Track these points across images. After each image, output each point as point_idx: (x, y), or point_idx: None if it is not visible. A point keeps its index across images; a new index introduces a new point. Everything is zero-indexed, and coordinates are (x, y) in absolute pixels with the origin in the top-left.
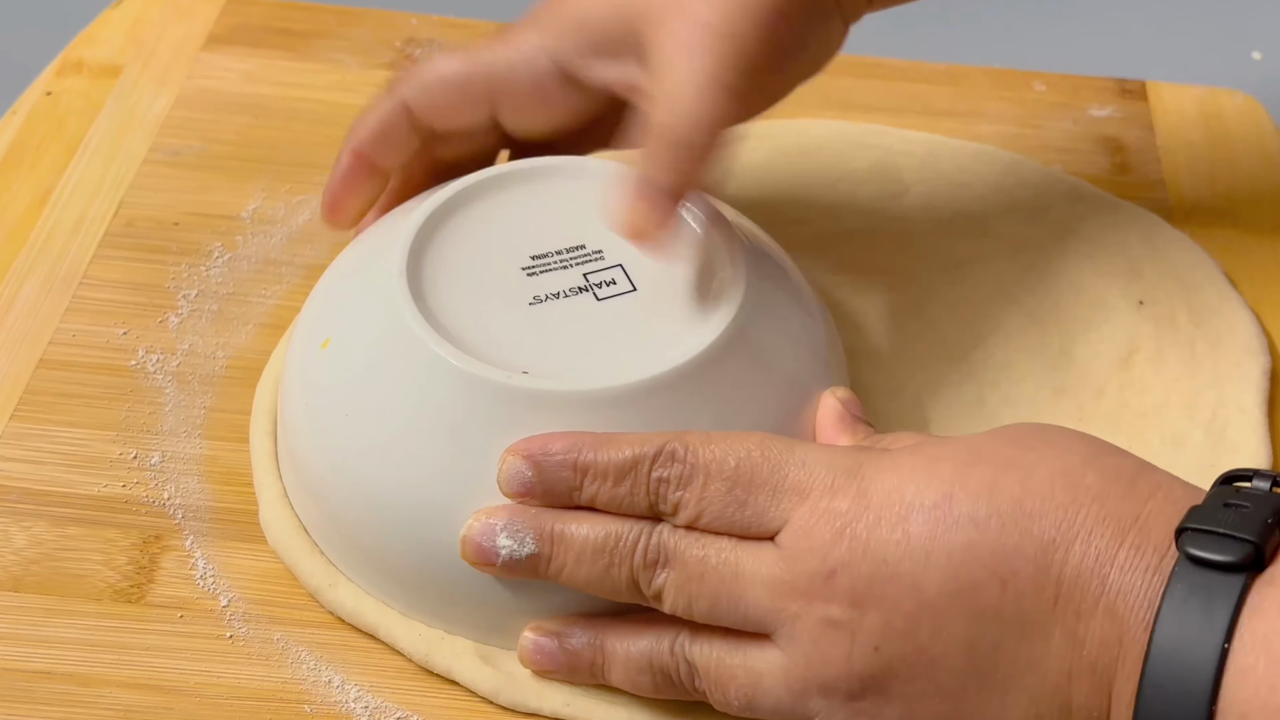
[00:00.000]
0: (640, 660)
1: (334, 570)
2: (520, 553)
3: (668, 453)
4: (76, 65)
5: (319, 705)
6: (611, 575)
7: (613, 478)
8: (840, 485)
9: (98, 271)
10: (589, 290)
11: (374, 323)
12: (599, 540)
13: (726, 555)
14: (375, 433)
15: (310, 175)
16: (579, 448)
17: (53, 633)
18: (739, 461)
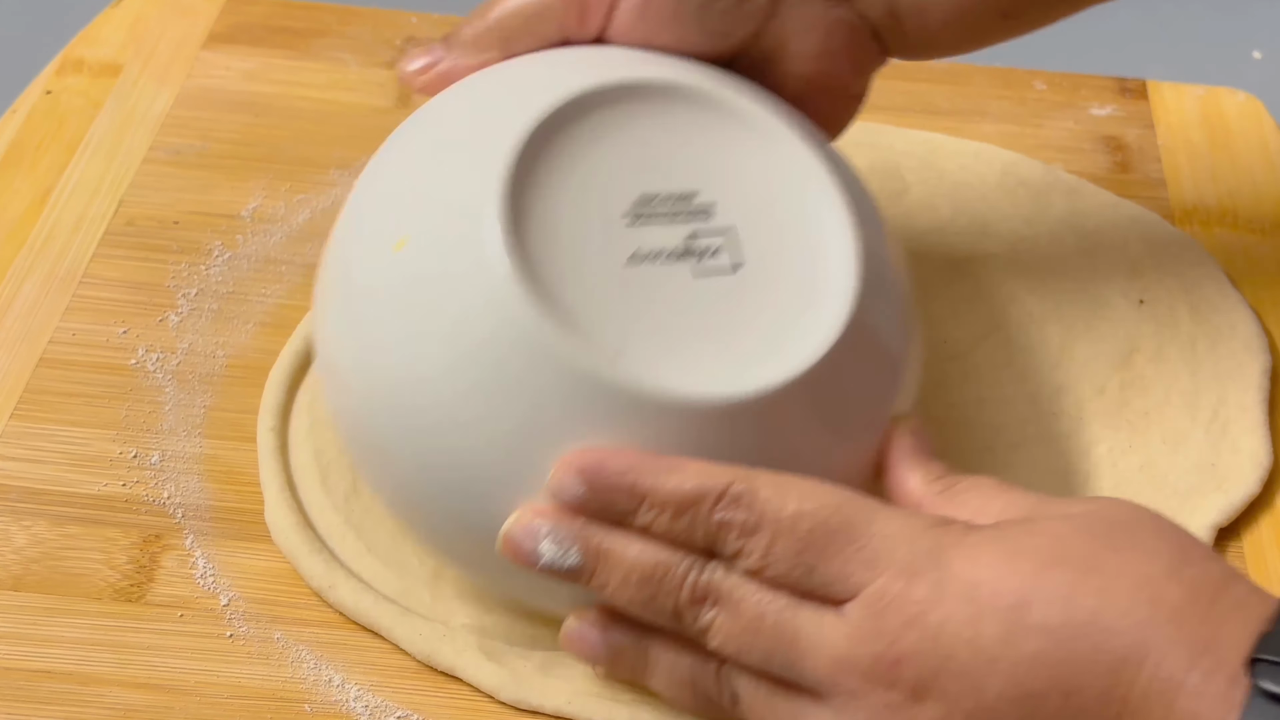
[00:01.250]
0: (683, 676)
1: (336, 568)
2: (562, 562)
3: (733, 495)
4: (77, 64)
5: (319, 704)
6: (657, 603)
7: (671, 510)
8: (919, 568)
9: (98, 270)
10: (691, 256)
11: (461, 244)
12: (647, 566)
13: (787, 615)
14: (439, 363)
15: (310, 174)
16: (638, 470)
17: (53, 632)
18: (814, 526)
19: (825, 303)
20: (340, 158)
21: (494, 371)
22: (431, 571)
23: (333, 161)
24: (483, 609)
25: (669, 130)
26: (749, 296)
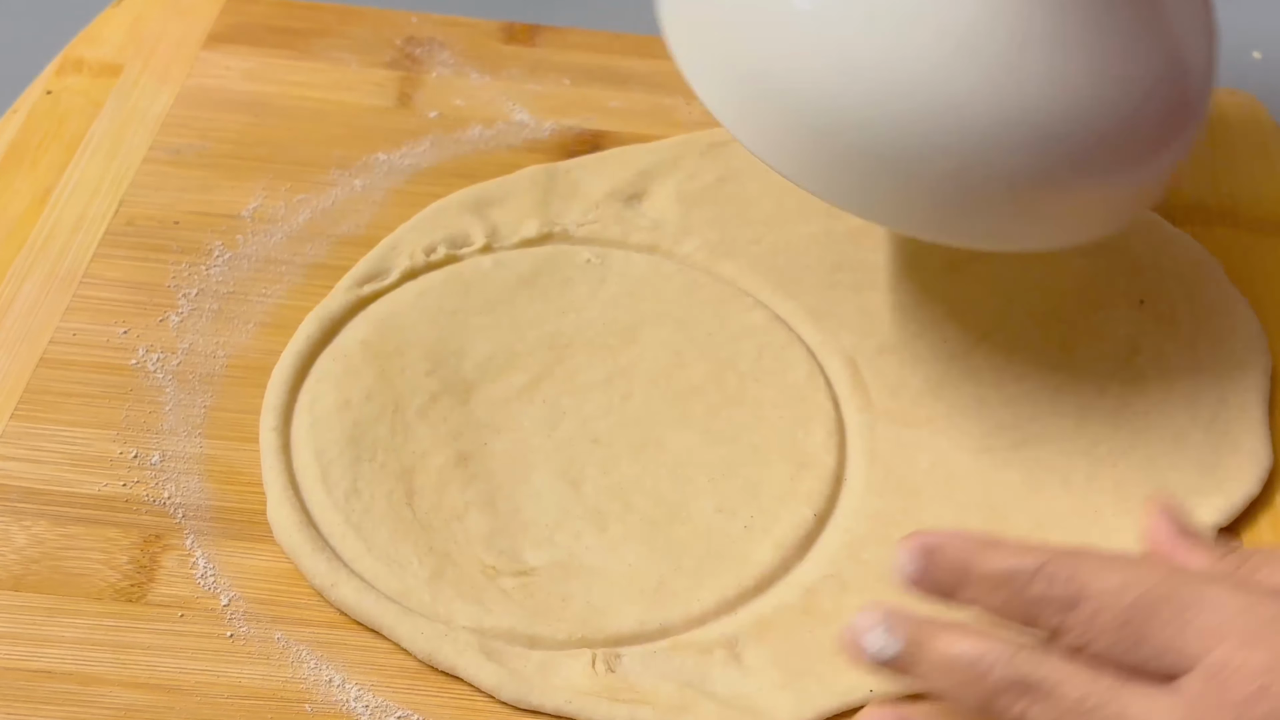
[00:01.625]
0: None
1: (339, 567)
2: (883, 652)
3: (1046, 574)
4: (77, 64)
5: (319, 704)
6: (971, 690)
7: (989, 586)
8: (1261, 636)
9: (98, 270)
10: None
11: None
12: (966, 659)
13: (1110, 697)
14: None
15: (311, 174)
16: (967, 548)
17: (53, 632)
18: (1140, 595)
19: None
20: (340, 158)
21: None
22: (431, 572)
23: (333, 161)
24: (482, 609)
25: None
26: None
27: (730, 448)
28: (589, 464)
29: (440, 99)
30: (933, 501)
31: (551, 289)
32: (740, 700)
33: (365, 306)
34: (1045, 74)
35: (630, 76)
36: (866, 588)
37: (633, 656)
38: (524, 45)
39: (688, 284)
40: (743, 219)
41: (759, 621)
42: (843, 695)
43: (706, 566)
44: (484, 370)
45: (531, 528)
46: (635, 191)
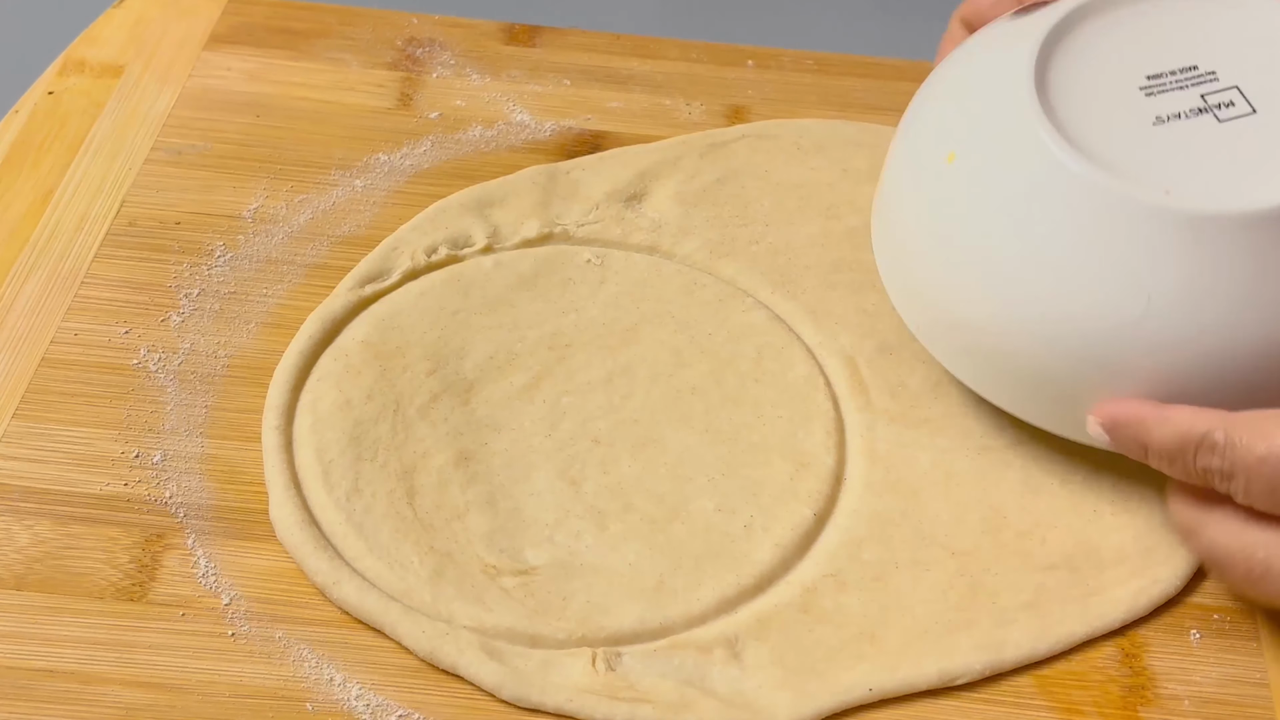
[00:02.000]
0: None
1: (341, 565)
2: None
3: (1209, 444)
4: (79, 64)
5: (321, 703)
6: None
7: (1167, 459)
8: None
9: (100, 270)
10: (1209, 111)
11: (1004, 138)
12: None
13: (1239, 539)
14: (1008, 247)
15: (312, 174)
16: (1139, 422)
17: (55, 631)
18: (1273, 457)
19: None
20: (341, 158)
21: (1056, 225)
22: (432, 571)
23: (334, 162)
24: (483, 609)
25: (1162, 20)
26: (1271, 131)
27: (730, 447)
28: (589, 463)
29: (441, 99)
30: (932, 501)
31: (552, 289)
32: (740, 699)
33: (367, 306)
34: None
35: (630, 77)
36: (866, 587)
37: (633, 655)
38: (524, 46)
39: (688, 284)
40: (742, 219)
41: (759, 620)
42: (842, 694)
43: (706, 565)
44: (484, 370)
45: (532, 527)
46: (635, 192)
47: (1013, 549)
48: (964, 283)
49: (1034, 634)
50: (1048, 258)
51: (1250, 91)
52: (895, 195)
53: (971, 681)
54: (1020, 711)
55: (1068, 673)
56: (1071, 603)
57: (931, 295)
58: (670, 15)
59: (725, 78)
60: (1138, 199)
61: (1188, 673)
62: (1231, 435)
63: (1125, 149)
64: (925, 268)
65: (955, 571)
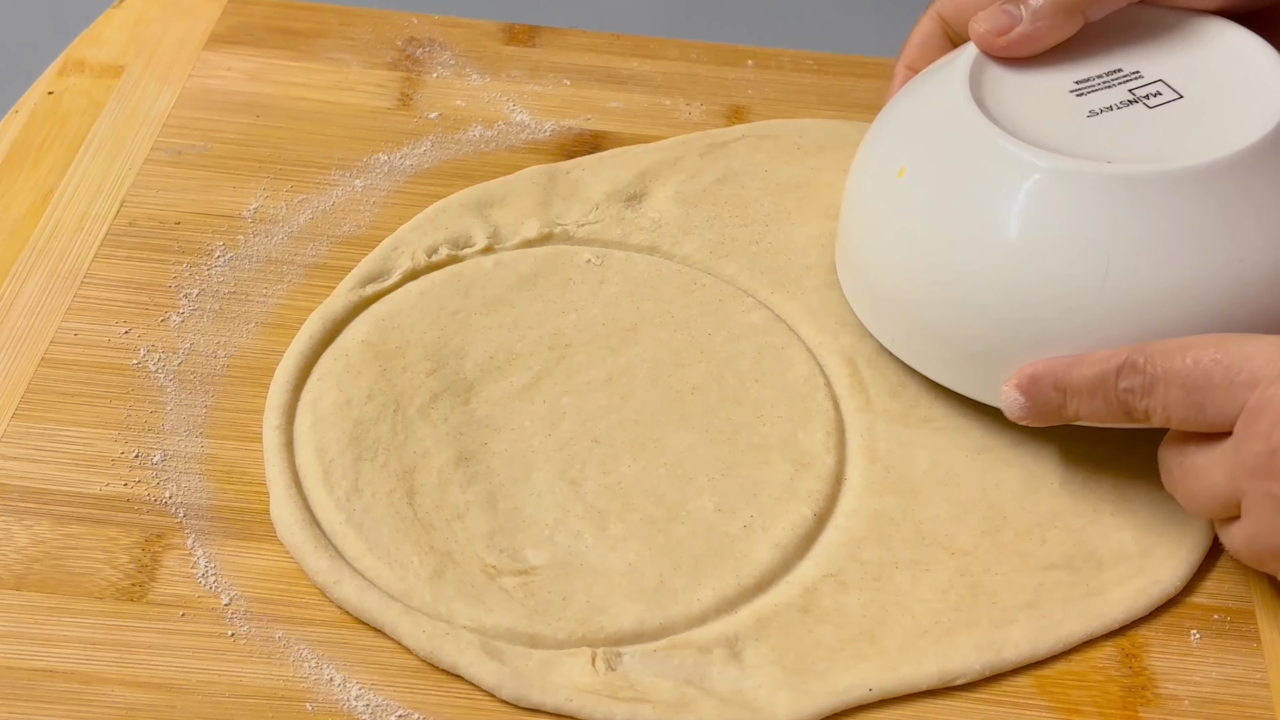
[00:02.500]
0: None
1: (341, 565)
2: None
3: (1130, 364)
4: (79, 65)
5: (320, 703)
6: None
7: (1086, 394)
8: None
9: (100, 270)
10: (1138, 102)
11: (950, 146)
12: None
13: (1179, 455)
14: (968, 240)
15: (312, 174)
16: (1056, 371)
17: (55, 631)
18: (1191, 367)
19: (1266, 100)
20: (341, 158)
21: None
22: (432, 571)
23: (334, 162)
24: (483, 609)
25: (1080, 35)
26: (1199, 110)
27: (730, 447)
28: (589, 463)
29: (441, 100)
30: (932, 501)
31: (552, 289)
32: (740, 698)
33: (367, 306)
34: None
35: (630, 77)
36: (866, 587)
37: (633, 655)
38: (524, 46)
39: (688, 284)
40: (742, 219)
41: (759, 620)
42: (842, 694)
43: (706, 565)
44: (485, 370)
45: (532, 527)
46: (635, 192)
47: (1012, 549)
48: (929, 282)
49: (1034, 634)
50: (1006, 243)
51: (1175, 81)
52: (855, 219)
53: (971, 681)
54: (1020, 711)
55: (1067, 673)
56: (1071, 603)
57: (903, 303)
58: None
59: (725, 78)
60: (1082, 171)
61: (1188, 673)
62: (1151, 354)
63: (1064, 136)
64: (887, 279)
65: (955, 571)
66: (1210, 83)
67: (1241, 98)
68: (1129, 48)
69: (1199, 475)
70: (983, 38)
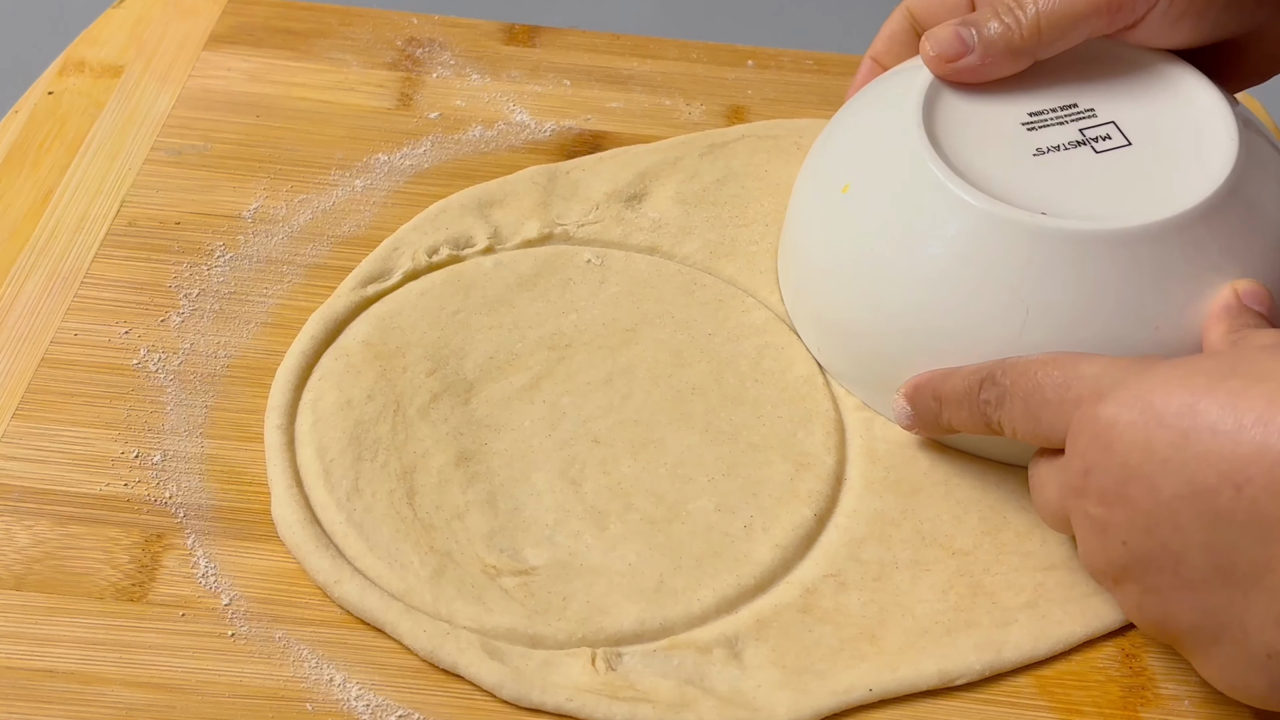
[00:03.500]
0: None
1: (343, 564)
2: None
3: (989, 377)
4: (79, 65)
5: (320, 703)
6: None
7: (955, 403)
8: (1106, 393)
9: (100, 270)
10: (1086, 144)
11: (894, 169)
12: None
13: (1033, 469)
14: (898, 267)
15: (312, 174)
16: (935, 381)
17: (55, 631)
18: (1034, 383)
19: (1209, 164)
20: (341, 158)
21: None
22: (432, 571)
23: (334, 162)
24: (483, 609)
25: (1043, 65)
26: (1145, 163)
27: (730, 447)
28: (589, 463)
29: (441, 100)
30: (932, 501)
31: (552, 289)
32: (740, 698)
33: (368, 306)
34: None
35: (630, 77)
36: (866, 587)
37: (633, 655)
38: (524, 46)
39: (688, 284)
40: (742, 219)
41: (759, 621)
42: (842, 694)
43: (706, 566)
44: (485, 370)
45: (532, 527)
46: (635, 192)
47: (1012, 549)
48: (855, 301)
49: (1034, 634)
50: (932, 276)
51: (1126, 126)
52: (796, 225)
53: (971, 682)
54: (1020, 712)
55: (1067, 673)
56: (1071, 603)
57: (828, 315)
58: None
59: (725, 78)
60: (1015, 219)
61: (1188, 672)
62: (1008, 368)
63: (1006, 176)
64: (821, 289)
65: (955, 572)
66: (1160, 135)
67: (1185, 158)
68: (1088, 82)
69: (1040, 489)
70: (932, 60)
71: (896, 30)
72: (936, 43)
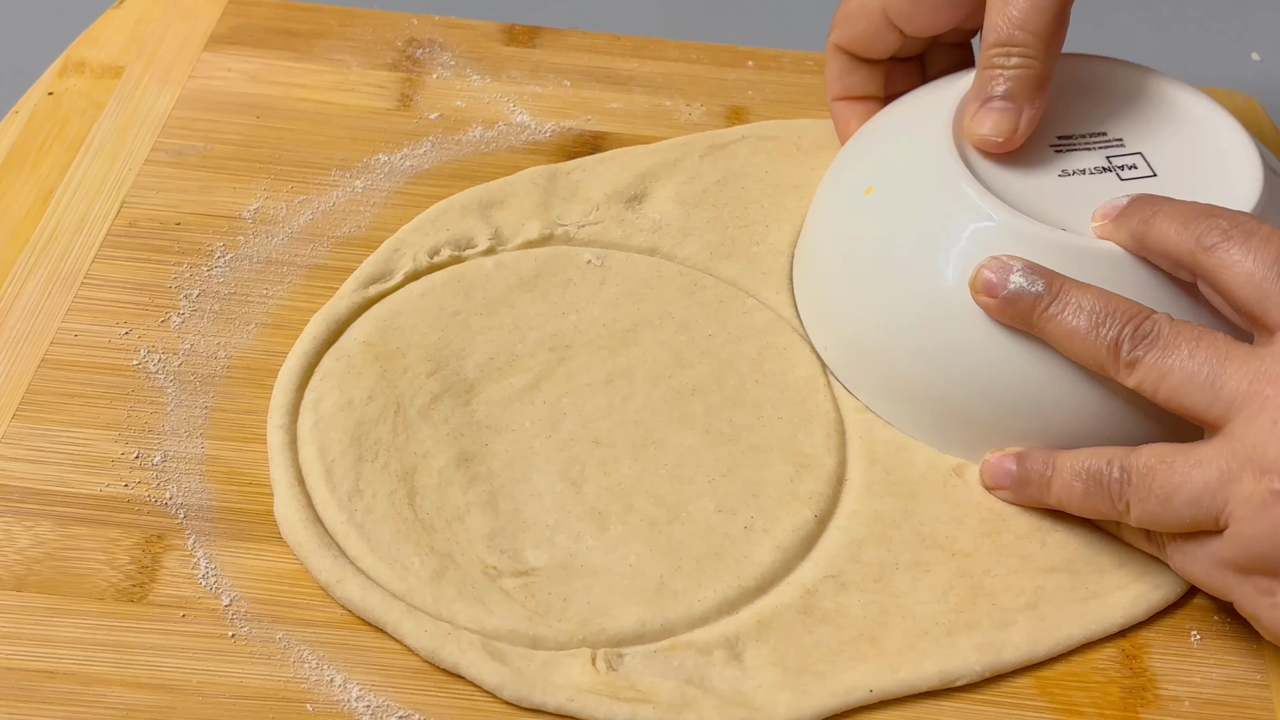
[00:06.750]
0: (1079, 471)
1: (345, 564)
2: (1029, 289)
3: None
4: (79, 65)
5: (321, 704)
6: (1099, 333)
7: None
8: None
9: (100, 271)
10: (1112, 171)
11: (919, 176)
12: (1098, 304)
13: (1220, 344)
14: (915, 272)
15: (312, 175)
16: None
17: (56, 632)
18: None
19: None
20: (342, 159)
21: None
22: (433, 572)
23: (334, 163)
24: (484, 610)
25: (1078, 88)
26: (1168, 194)
27: (730, 448)
28: (590, 464)
29: (441, 100)
30: (932, 503)
31: (552, 290)
32: (740, 698)
33: (369, 307)
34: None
35: (630, 78)
36: (866, 588)
37: (634, 655)
38: (524, 47)
39: (688, 285)
40: (743, 220)
41: (759, 621)
42: (843, 695)
43: (707, 567)
44: (485, 371)
45: (532, 528)
46: (636, 193)
47: (1013, 551)
48: (865, 302)
49: (1034, 636)
50: (945, 288)
51: (1153, 158)
52: (815, 224)
53: (971, 683)
54: (1020, 712)
55: (1068, 674)
56: (1071, 605)
57: (837, 315)
58: (670, 15)
59: (725, 78)
60: (1034, 233)
61: (1188, 674)
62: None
63: (1029, 192)
64: (833, 289)
65: (955, 573)
66: (1184, 169)
67: (1208, 194)
68: (1119, 113)
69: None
70: (984, 141)
71: (841, 67)
72: (984, 123)
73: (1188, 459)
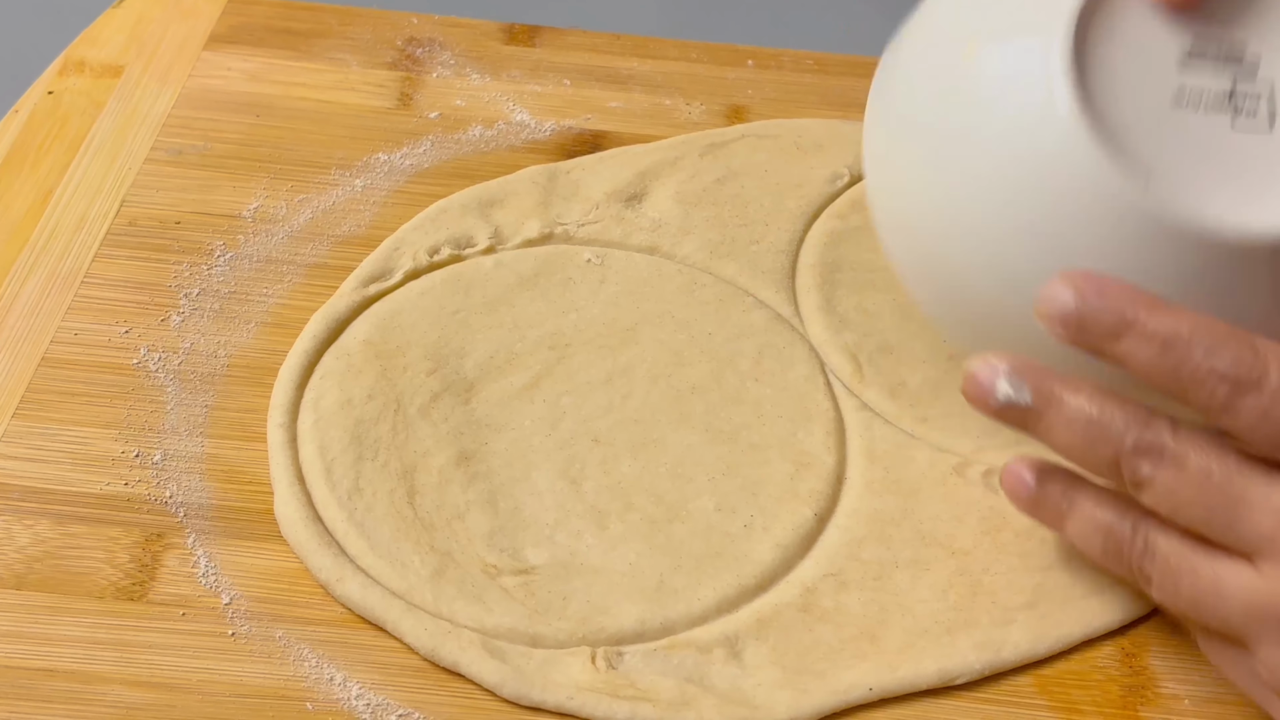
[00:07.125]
0: (1100, 524)
1: (345, 562)
2: (1018, 399)
3: (1229, 353)
4: (79, 64)
5: (321, 703)
6: (1096, 450)
7: (1159, 345)
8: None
9: (100, 270)
10: (1229, 106)
11: (1025, 59)
12: (1094, 413)
13: (1237, 476)
14: (989, 167)
15: (312, 174)
16: (1136, 300)
17: (55, 630)
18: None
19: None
20: (341, 158)
21: (1033, 177)
22: (433, 570)
23: (334, 162)
24: (484, 609)
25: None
26: (1273, 156)
27: (730, 447)
28: (589, 463)
29: (441, 99)
30: (932, 501)
31: (552, 289)
32: (740, 697)
33: (369, 306)
34: None
35: (630, 77)
36: (866, 587)
37: (634, 654)
38: (524, 46)
39: (688, 284)
40: (743, 219)
41: (759, 620)
42: (842, 693)
43: (707, 565)
44: (485, 369)
45: (532, 526)
46: (635, 192)
47: (1012, 549)
48: (945, 198)
49: (1033, 634)
50: (1010, 191)
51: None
52: (900, 83)
53: (971, 681)
54: (1020, 711)
55: (1068, 672)
56: (1071, 603)
57: (912, 219)
58: (670, 15)
59: (725, 78)
60: (1110, 179)
61: (1188, 672)
62: (1263, 348)
63: (1132, 118)
64: (916, 166)
65: (955, 571)
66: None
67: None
68: (1271, 18)
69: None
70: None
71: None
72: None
73: (1215, 576)
